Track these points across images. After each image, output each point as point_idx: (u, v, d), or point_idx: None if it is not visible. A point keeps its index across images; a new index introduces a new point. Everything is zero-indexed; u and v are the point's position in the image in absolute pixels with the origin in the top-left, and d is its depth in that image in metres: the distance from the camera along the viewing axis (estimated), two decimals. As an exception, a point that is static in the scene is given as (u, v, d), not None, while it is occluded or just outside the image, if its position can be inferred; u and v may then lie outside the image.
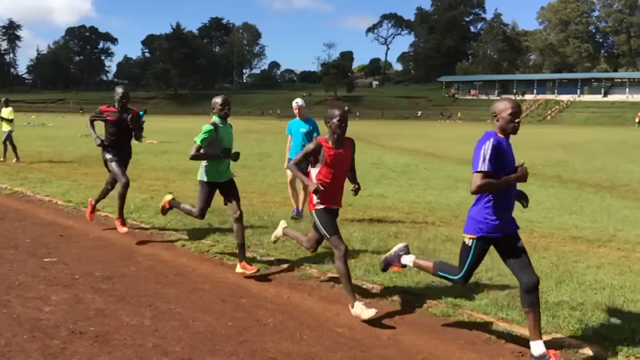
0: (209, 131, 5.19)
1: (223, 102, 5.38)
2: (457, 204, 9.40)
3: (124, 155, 6.79)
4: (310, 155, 4.35)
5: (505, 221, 3.62)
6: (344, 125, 4.34)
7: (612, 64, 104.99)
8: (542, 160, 17.71)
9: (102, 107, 6.70)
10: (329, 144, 4.36)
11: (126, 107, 6.64)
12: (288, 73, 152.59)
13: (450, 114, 78.70)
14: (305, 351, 3.57)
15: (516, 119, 3.56)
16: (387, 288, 4.78)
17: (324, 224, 4.31)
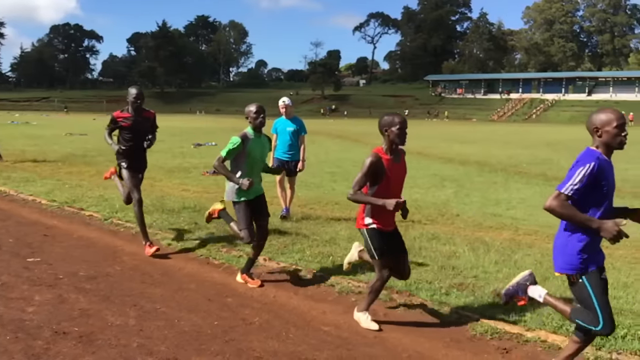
0: (235, 144, 4.72)
1: (258, 110, 4.84)
2: (443, 202, 9.46)
3: (140, 164, 6.15)
4: (371, 172, 3.73)
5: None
6: (405, 134, 3.82)
7: (596, 63, 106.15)
8: (528, 159, 17.87)
9: (115, 114, 6.03)
10: (387, 155, 3.81)
11: (141, 109, 5.98)
12: (275, 72, 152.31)
13: (438, 112, 79.07)
14: (291, 350, 3.57)
15: (623, 132, 3.08)
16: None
17: (375, 246, 3.89)
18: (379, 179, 3.76)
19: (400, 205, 3.65)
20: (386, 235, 3.94)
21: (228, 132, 32.20)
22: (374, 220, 3.87)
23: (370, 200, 3.74)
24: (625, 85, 76.75)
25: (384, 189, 3.78)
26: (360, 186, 3.74)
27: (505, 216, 8.41)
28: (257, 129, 4.87)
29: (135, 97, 5.87)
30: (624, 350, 3.55)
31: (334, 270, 5.22)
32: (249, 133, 4.84)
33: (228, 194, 4.89)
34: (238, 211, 4.82)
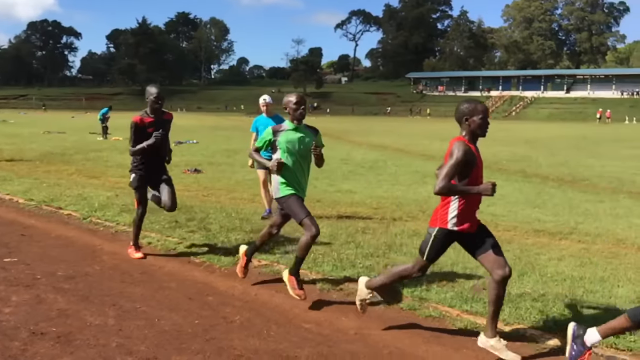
0: (267, 134, 4.48)
1: (299, 101, 4.41)
2: (424, 199, 9.51)
3: (157, 172, 5.59)
4: (465, 161, 3.38)
5: None
6: (488, 123, 3.54)
7: (574, 61, 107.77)
8: (507, 156, 18.06)
9: (136, 120, 5.29)
10: (472, 145, 3.49)
11: (161, 110, 5.44)
12: (257, 69, 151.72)
13: (420, 110, 79.50)
14: (272, 347, 3.56)
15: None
16: (352, 281, 4.80)
17: (433, 249, 3.60)
18: (470, 170, 3.43)
19: (495, 187, 3.40)
20: (467, 237, 3.59)
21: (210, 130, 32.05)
22: (459, 220, 3.52)
23: (467, 189, 3.41)
24: (603, 83, 78.07)
25: (473, 181, 3.47)
26: (451, 178, 3.39)
27: (485, 212, 8.46)
28: (296, 120, 4.45)
29: (156, 97, 5.29)
30: (600, 344, 3.61)
31: (315, 268, 5.22)
32: (285, 124, 4.50)
33: (274, 190, 4.57)
34: (289, 205, 4.42)
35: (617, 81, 76.89)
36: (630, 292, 4.61)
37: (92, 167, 13.51)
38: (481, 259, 3.55)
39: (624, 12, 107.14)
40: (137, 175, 5.46)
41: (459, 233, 3.55)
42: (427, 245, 3.62)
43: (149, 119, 5.33)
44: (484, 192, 3.38)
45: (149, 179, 5.55)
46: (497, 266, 3.43)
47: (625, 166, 15.42)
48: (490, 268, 3.47)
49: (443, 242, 3.60)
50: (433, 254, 3.63)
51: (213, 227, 6.75)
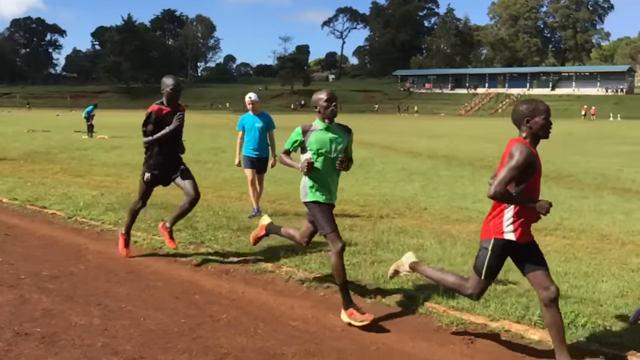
0: (296, 135, 4.16)
1: (329, 98, 4.09)
2: (411, 196, 9.55)
3: (174, 162, 5.40)
4: (526, 165, 3.13)
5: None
6: (551, 124, 3.26)
7: (559, 58, 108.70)
8: (494, 152, 18.15)
9: (154, 109, 5.16)
10: (533, 148, 3.23)
11: (177, 102, 5.30)
12: (244, 66, 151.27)
13: (407, 107, 79.74)
14: (259, 345, 3.56)
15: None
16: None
17: (491, 263, 3.30)
18: (529, 175, 3.16)
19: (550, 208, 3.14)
20: (521, 248, 3.30)
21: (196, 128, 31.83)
22: (516, 229, 3.23)
23: (522, 201, 3.15)
24: (588, 80, 78.79)
25: (531, 187, 3.21)
26: (507, 182, 3.12)
27: (472, 209, 8.54)
28: (327, 119, 4.13)
29: (174, 87, 5.16)
30: (583, 338, 3.65)
31: (302, 265, 5.22)
32: (316, 124, 4.15)
33: (301, 193, 4.25)
34: (315, 214, 4.13)
35: (601, 78, 77.68)
36: (614, 287, 4.66)
37: (77, 166, 13.39)
38: (530, 277, 3.30)
39: (608, 9, 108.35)
40: (150, 174, 5.31)
41: (515, 244, 3.25)
42: (484, 262, 3.31)
43: (167, 109, 5.19)
44: (540, 209, 3.13)
45: (165, 171, 5.32)
46: (544, 287, 3.21)
47: (609, 162, 15.59)
48: (537, 288, 3.25)
49: (501, 255, 3.30)
50: (492, 271, 3.32)
51: (200, 225, 6.72)
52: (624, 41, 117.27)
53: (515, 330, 3.81)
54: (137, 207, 5.53)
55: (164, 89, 5.16)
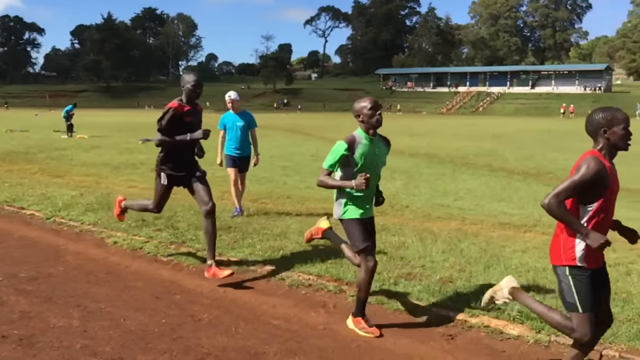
0: (339, 151, 3.69)
1: (374, 106, 3.74)
2: (392, 194, 9.59)
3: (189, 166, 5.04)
4: (593, 181, 2.77)
5: None
6: (630, 134, 2.86)
7: (538, 57, 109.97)
8: (474, 150, 18.34)
9: (174, 105, 4.81)
10: (608, 162, 2.85)
11: (196, 100, 5.02)
12: (226, 65, 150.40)
13: (390, 105, 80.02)
14: (240, 345, 3.55)
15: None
16: (321, 277, 4.82)
17: (583, 295, 2.86)
18: (599, 194, 2.80)
19: (606, 246, 2.75)
20: (596, 275, 2.91)
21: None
22: (587, 256, 2.84)
23: (574, 223, 2.80)
24: (566, 78, 79.77)
25: (601, 209, 2.83)
26: (566, 196, 2.80)
27: (453, 207, 8.62)
28: (371, 130, 3.78)
29: (195, 84, 4.85)
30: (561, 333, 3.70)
31: (284, 264, 5.21)
32: (358, 135, 3.77)
33: (336, 209, 3.89)
34: (350, 229, 3.82)
35: (580, 77, 78.70)
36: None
37: (56, 166, 13.22)
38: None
39: (587, 9, 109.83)
40: (166, 174, 4.97)
41: (592, 271, 2.88)
42: (572, 294, 2.88)
43: (187, 107, 4.87)
44: (593, 243, 2.75)
45: (180, 174, 4.98)
46: (607, 322, 3.07)
47: (587, 160, 15.80)
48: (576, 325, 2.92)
49: (587, 281, 2.87)
50: (588, 299, 2.86)
51: (181, 225, 6.68)
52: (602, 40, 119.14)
53: (494, 326, 3.85)
54: (148, 211, 5.32)
55: (184, 86, 4.85)
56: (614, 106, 2.98)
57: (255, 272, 5.07)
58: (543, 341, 3.62)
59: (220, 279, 4.67)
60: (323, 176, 3.79)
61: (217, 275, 4.67)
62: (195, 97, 4.89)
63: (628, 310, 4.05)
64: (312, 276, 4.87)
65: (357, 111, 3.79)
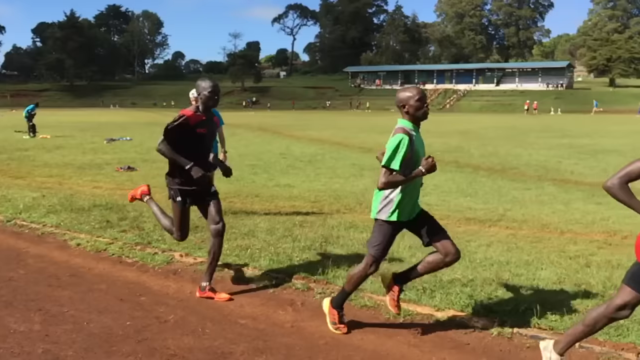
0: (405, 145, 3.38)
1: (422, 97, 3.50)
2: (361, 191, 9.65)
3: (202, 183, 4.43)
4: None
5: None
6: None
7: (503, 54, 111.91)
8: (441, 147, 18.57)
9: (187, 113, 4.28)
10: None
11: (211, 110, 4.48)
12: (193, 63, 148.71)
13: (359, 103, 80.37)
14: (207, 345, 3.52)
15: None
16: (290, 275, 4.82)
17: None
18: None
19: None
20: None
21: (144, 126, 31.13)
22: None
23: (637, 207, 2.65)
24: (530, 76, 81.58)
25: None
26: (630, 179, 2.65)
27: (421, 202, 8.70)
28: (419, 121, 3.56)
29: (212, 91, 4.29)
30: (524, 323, 3.79)
31: (252, 263, 5.19)
32: (408, 127, 3.50)
33: (380, 207, 3.59)
34: (380, 230, 3.61)
35: (542, 74, 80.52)
36: (552, 274, 4.85)
37: (18, 167, 12.87)
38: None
39: (549, 7, 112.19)
40: (176, 189, 4.45)
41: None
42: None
43: (200, 117, 4.30)
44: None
45: (192, 189, 4.41)
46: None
47: (550, 155, 16.20)
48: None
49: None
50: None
51: (146, 225, 6.58)
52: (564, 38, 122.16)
53: (459, 319, 3.91)
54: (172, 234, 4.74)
55: (200, 93, 4.30)
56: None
57: (222, 271, 5.03)
58: (506, 333, 3.69)
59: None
60: (386, 177, 3.40)
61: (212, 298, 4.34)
62: (213, 105, 4.36)
63: (587, 301, 4.17)
64: (280, 274, 4.86)
65: (402, 101, 3.51)
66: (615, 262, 5.28)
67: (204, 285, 4.41)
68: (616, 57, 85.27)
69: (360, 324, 3.88)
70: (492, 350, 3.51)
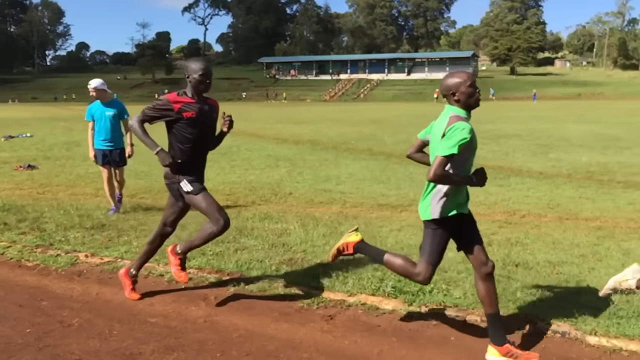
0: (468, 132, 3.02)
1: (473, 82, 3.14)
2: (276, 182, 9.65)
3: (202, 175, 4.12)
4: None
5: None
6: None
7: (413, 45, 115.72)
8: (356, 135, 18.93)
9: (169, 97, 3.90)
10: None
11: (205, 95, 4.07)
12: (99, 54, 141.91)
13: (276, 94, 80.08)
14: (114, 347, 3.39)
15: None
16: (202, 269, 4.74)
17: None
18: None
19: None
20: None
21: (46, 121, 29.34)
22: None
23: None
24: (438, 65, 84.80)
25: None
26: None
27: (335, 191, 8.83)
28: (471, 109, 3.18)
29: (204, 73, 3.88)
30: (431, 302, 3.95)
31: (163, 259, 5.02)
32: (463, 115, 3.14)
33: (433, 208, 3.27)
34: (432, 234, 3.30)
35: (450, 63, 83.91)
36: (457, 254, 4.99)
37: None
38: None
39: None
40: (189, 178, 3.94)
41: None
42: None
43: (188, 99, 3.91)
44: None
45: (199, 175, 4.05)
46: None
47: (457, 141, 16.93)
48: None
49: None
50: None
51: (48, 226, 6.20)
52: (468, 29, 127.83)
53: (371, 303, 4.02)
54: (220, 229, 3.92)
55: (189, 76, 3.91)
56: None
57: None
58: (415, 313, 3.83)
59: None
60: (441, 169, 3.03)
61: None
62: (204, 89, 3.94)
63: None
64: (193, 269, 4.76)
65: (450, 88, 3.14)
66: (514, 240, 5.62)
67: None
68: (516, 47, 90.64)
69: (274, 314, 3.88)
70: (401, 330, 3.63)
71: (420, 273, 3.26)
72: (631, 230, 6.14)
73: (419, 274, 3.26)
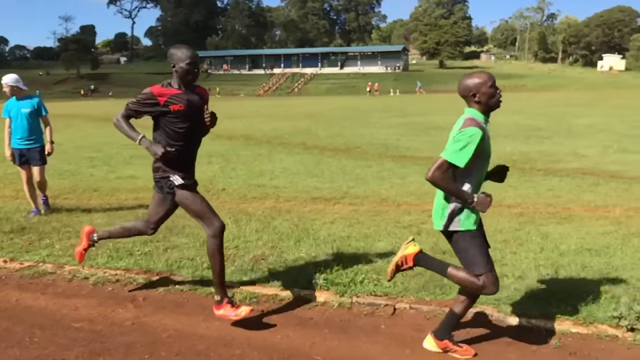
0: (478, 138, 2.89)
1: (494, 82, 3.01)
2: (209, 178, 9.48)
3: (193, 173, 3.95)
4: None
5: None
6: None
7: (345, 39, 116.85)
8: (289, 130, 18.92)
9: (153, 89, 3.63)
10: None
11: (194, 84, 3.78)
12: (19, 49, 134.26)
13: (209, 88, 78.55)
14: (35, 355, 3.23)
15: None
16: (129, 270, 4.60)
17: None
18: None
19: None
20: None
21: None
22: None
23: None
24: (370, 59, 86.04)
25: None
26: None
27: (269, 186, 8.80)
28: (491, 110, 3.06)
29: (192, 62, 3.60)
30: (362, 293, 4.02)
31: (88, 262, 4.83)
32: (479, 118, 3.01)
33: (446, 219, 3.08)
34: (469, 247, 3.05)
35: (381, 57, 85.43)
36: (388, 244, 5.20)
37: None
38: None
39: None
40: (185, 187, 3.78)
41: None
42: None
43: (174, 90, 3.64)
44: None
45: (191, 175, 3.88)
46: None
47: (390, 133, 17.29)
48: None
49: None
50: None
51: (-38, 231, 5.83)
52: (399, 23, 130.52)
53: (303, 295, 4.04)
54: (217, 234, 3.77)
55: (175, 64, 3.61)
56: None
57: (54, 274, 4.64)
58: (346, 304, 3.89)
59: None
60: (441, 171, 2.95)
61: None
62: (192, 79, 3.68)
63: (418, 265, 4.52)
64: (120, 271, 4.61)
65: (471, 89, 3.00)
66: (442, 228, 5.79)
67: (95, 237, 4.15)
68: (444, 41, 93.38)
69: (204, 313, 3.82)
70: (333, 322, 3.67)
71: (485, 285, 3.03)
72: (550, 215, 6.48)
73: (484, 287, 3.03)
